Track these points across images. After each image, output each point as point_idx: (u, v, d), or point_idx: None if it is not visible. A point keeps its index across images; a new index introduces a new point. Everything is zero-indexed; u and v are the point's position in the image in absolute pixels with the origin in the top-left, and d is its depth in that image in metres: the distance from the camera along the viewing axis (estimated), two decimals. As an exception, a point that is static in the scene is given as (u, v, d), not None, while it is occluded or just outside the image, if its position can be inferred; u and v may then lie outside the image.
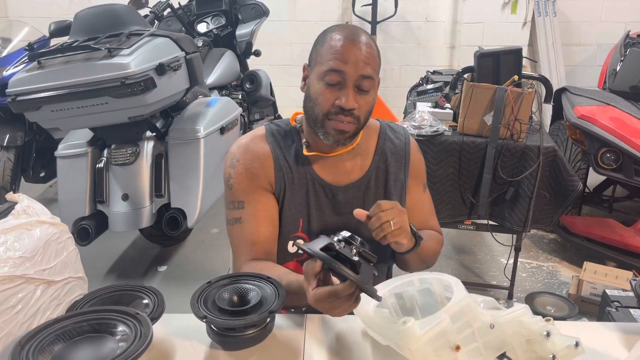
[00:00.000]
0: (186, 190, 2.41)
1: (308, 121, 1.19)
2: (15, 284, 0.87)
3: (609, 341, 1.04)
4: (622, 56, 3.13)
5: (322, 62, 1.12)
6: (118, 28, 2.30)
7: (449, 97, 2.61)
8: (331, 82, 1.10)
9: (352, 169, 1.25)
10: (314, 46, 1.18)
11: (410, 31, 4.74)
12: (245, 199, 1.20)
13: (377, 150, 1.28)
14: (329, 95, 1.11)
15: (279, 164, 1.22)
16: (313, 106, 1.14)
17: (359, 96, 1.12)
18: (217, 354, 0.97)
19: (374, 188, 1.26)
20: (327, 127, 1.14)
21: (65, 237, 1.02)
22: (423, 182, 1.35)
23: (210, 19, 3.64)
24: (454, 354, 0.80)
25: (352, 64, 1.09)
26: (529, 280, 2.73)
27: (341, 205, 1.24)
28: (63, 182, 2.42)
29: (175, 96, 2.40)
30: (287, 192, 1.22)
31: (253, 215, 1.20)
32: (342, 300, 0.86)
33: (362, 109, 1.13)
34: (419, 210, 1.33)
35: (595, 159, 2.61)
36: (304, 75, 1.21)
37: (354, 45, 1.10)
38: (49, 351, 0.82)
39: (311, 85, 1.15)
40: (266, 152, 1.22)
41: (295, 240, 1.23)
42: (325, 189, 1.23)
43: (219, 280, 1.03)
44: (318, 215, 1.23)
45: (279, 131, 1.26)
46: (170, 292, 1.94)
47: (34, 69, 2.12)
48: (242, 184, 1.21)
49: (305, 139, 1.23)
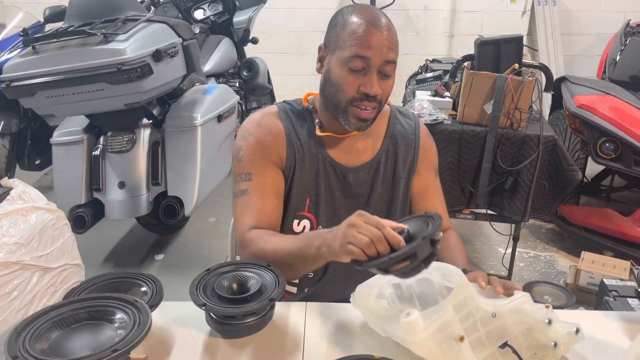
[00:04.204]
0: (183, 179, 2.39)
1: (327, 105, 1.18)
2: (10, 270, 0.85)
3: (608, 330, 1.04)
4: (622, 45, 3.11)
5: (344, 47, 1.09)
6: (114, 13, 2.27)
7: (448, 86, 2.60)
8: (355, 68, 1.09)
9: (364, 150, 1.25)
10: (331, 27, 1.15)
11: (409, 20, 4.70)
12: (253, 171, 1.19)
13: (387, 133, 1.27)
14: (353, 81, 1.10)
15: (291, 140, 1.21)
16: (335, 92, 1.13)
17: (382, 81, 1.11)
18: (216, 342, 0.97)
19: (382, 170, 1.25)
20: (350, 114, 1.13)
21: (62, 224, 1.01)
22: (434, 167, 1.34)
23: (207, 6, 3.60)
24: (457, 344, 0.79)
25: (376, 50, 1.07)
26: (527, 270, 2.73)
27: (351, 187, 1.23)
28: (59, 170, 2.40)
29: (172, 83, 2.37)
30: (297, 170, 1.21)
31: (260, 187, 1.18)
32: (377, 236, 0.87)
33: (385, 93, 1.13)
34: (430, 195, 1.32)
35: (595, 148, 2.61)
36: (319, 56, 1.18)
37: (377, 30, 1.08)
38: (46, 338, 0.81)
39: (332, 70, 1.13)
40: (279, 128, 1.21)
41: (301, 219, 1.22)
42: (337, 169, 1.22)
43: (218, 267, 1.02)
44: (327, 196, 1.23)
45: (292, 110, 1.25)
46: (168, 281, 1.93)
47: (29, 55, 2.09)
48: (252, 156, 1.19)
49: (319, 120, 1.22)
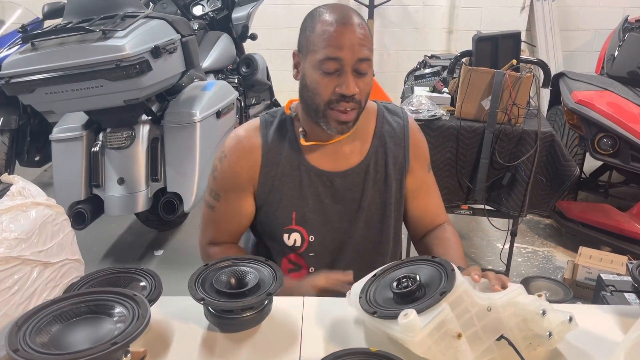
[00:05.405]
0: (182, 175, 2.40)
1: (307, 111, 1.16)
2: (11, 265, 0.86)
3: (604, 323, 1.05)
4: (621, 41, 3.11)
5: (316, 50, 1.08)
6: (112, 10, 2.27)
7: (446, 82, 2.60)
8: (329, 70, 1.07)
9: (351, 153, 1.23)
10: (302, 31, 1.14)
11: (407, 15, 4.70)
12: (222, 195, 1.24)
13: (375, 134, 1.25)
14: (328, 83, 1.08)
15: (267, 159, 1.20)
16: (312, 96, 1.11)
17: (358, 80, 1.09)
18: (214, 336, 0.97)
19: (373, 172, 1.24)
20: (329, 118, 1.12)
21: (61, 219, 1.02)
22: (427, 163, 1.32)
23: (205, 2, 3.59)
24: (455, 341, 0.80)
25: (348, 49, 1.06)
26: (525, 265, 2.74)
27: (340, 192, 1.22)
28: (58, 166, 2.40)
29: (171, 79, 2.38)
30: (276, 186, 1.21)
31: (225, 211, 1.25)
32: None
33: (363, 92, 1.11)
34: (425, 192, 1.31)
35: (592, 144, 2.61)
36: (294, 62, 1.17)
37: (347, 29, 1.06)
38: (46, 332, 0.82)
39: (307, 74, 1.12)
40: (255, 148, 1.21)
41: (290, 232, 1.23)
42: (322, 177, 1.21)
43: (217, 262, 1.03)
44: (316, 205, 1.22)
45: (273, 122, 1.24)
46: (167, 277, 1.92)
47: (28, 51, 2.09)
48: (223, 181, 1.22)
49: (303, 128, 1.21)
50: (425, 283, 0.89)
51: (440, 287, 0.85)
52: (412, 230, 1.36)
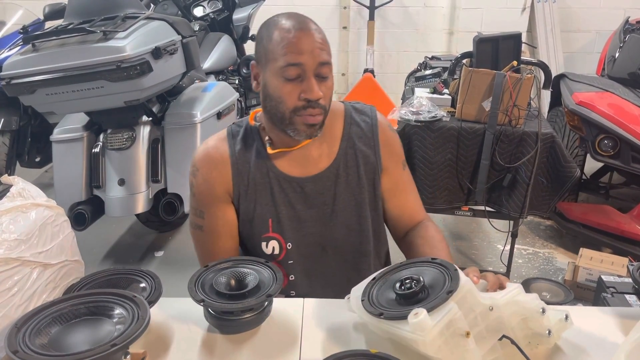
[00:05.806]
0: (183, 176, 2.40)
1: (272, 120, 1.15)
2: (11, 266, 0.86)
3: (604, 325, 1.04)
4: (621, 43, 3.11)
5: (276, 58, 1.07)
6: (113, 11, 2.27)
7: (447, 83, 2.60)
8: (290, 76, 1.06)
9: (319, 157, 1.21)
10: (258, 42, 1.13)
11: (408, 16, 4.70)
12: (205, 210, 1.21)
13: (343, 136, 1.23)
14: (292, 90, 1.07)
15: (237, 168, 1.19)
16: (277, 105, 1.10)
17: (320, 84, 1.08)
18: (214, 338, 0.97)
19: (344, 175, 1.22)
20: (297, 124, 1.10)
21: (61, 220, 1.02)
22: (401, 160, 1.30)
23: (206, 3, 3.60)
24: (464, 340, 0.80)
25: (308, 54, 1.05)
26: (525, 267, 2.74)
27: (312, 196, 1.20)
28: (59, 167, 2.41)
29: (172, 80, 2.38)
30: (249, 194, 1.20)
31: (213, 227, 1.21)
32: None
33: (326, 96, 1.10)
34: (401, 190, 1.29)
35: (593, 145, 2.61)
36: (253, 73, 1.16)
37: (306, 34, 1.06)
38: (46, 333, 0.82)
39: (268, 84, 1.11)
40: (224, 158, 1.20)
41: (268, 241, 1.21)
42: (292, 183, 1.20)
43: (217, 264, 1.03)
44: (289, 212, 1.20)
45: (240, 131, 1.23)
46: (167, 278, 1.93)
47: (29, 52, 2.09)
48: (201, 195, 1.20)
49: (268, 137, 1.20)
50: (428, 284, 0.88)
51: (444, 287, 0.85)
52: (392, 229, 1.34)
